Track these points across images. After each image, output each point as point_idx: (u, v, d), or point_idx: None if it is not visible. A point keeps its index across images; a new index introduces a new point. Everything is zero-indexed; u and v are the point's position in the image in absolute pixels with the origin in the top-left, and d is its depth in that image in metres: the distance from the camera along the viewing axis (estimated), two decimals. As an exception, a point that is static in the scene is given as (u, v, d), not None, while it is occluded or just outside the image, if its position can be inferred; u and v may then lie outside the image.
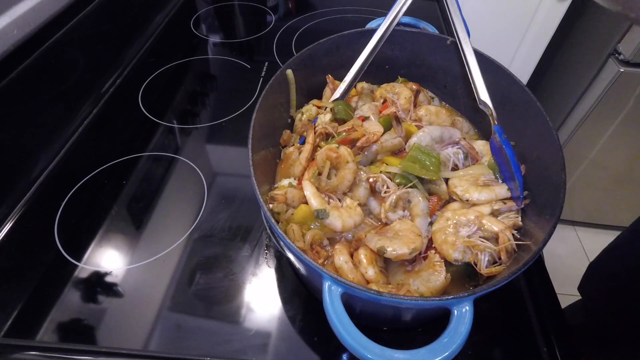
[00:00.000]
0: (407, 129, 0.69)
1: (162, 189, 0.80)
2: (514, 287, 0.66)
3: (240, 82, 1.08)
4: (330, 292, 0.44)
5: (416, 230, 0.56)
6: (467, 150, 0.66)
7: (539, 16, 1.61)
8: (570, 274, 1.98)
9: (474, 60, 0.70)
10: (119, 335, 0.59)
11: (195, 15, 1.34)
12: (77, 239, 0.71)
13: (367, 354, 0.40)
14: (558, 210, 0.50)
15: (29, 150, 0.82)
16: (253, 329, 0.60)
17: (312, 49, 0.74)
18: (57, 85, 0.89)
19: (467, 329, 0.42)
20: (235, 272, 0.67)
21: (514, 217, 0.59)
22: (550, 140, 0.58)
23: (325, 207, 0.58)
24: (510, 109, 0.67)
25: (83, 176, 0.81)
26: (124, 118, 0.97)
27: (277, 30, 1.26)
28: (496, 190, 0.61)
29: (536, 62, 1.78)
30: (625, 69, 1.41)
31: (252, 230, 0.73)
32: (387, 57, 0.81)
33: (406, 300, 0.44)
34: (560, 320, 0.62)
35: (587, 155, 1.72)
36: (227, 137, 0.92)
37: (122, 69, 1.08)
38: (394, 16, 0.75)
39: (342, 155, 0.62)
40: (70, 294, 0.64)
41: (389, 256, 0.53)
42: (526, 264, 0.46)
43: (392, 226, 0.58)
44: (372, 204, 0.63)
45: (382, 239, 0.54)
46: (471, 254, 0.55)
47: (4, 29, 0.77)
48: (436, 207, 0.62)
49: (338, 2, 1.39)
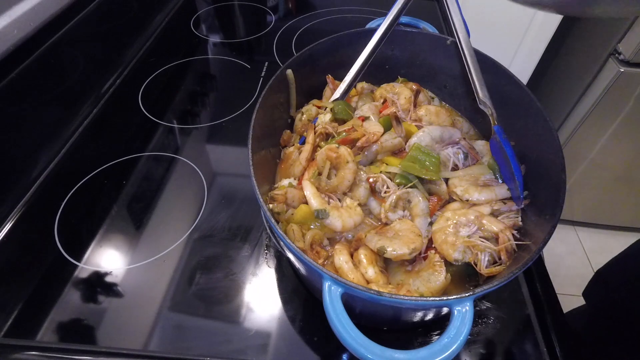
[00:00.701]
0: (407, 129, 0.69)
1: (162, 189, 0.80)
2: (514, 287, 0.66)
3: (240, 82, 1.08)
4: (330, 292, 0.44)
5: (416, 230, 0.56)
6: (467, 150, 0.66)
7: (539, 16, 1.61)
8: (570, 274, 2.00)
9: (474, 60, 0.70)
10: (119, 335, 0.59)
11: (195, 15, 1.34)
12: (77, 239, 0.71)
13: (367, 354, 0.40)
14: (558, 210, 0.50)
15: (29, 150, 0.82)
16: (253, 329, 0.60)
17: (312, 49, 0.74)
18: (57, 85, 0.89)
19: (467, 328, 0.42)
20: (235, 272, 0.67)
21: (514, 217, 0.60)
22: (550, 140, 0.58)
23: (325, 207, 0.58)
24: (510, 109, 0.67)
25: (83, 176, 0.81)
26: (124, 118, 0.97)
27: (277, 30, 1.26)
28: (496, 191, 0.62)
29: (536, 62, 1.78)
30: (625, 69, 1.41)
31: (252, 230, 0.73)
32: (387, 57, 0.81)
33: (406, 300, 0.44)
34: (560, 320, 0.62)
35: (587, 155, 1.72)
36: (227, 137, 0.92)
37: (122, 69, 1.08)
38: (394, 16, 0.75)
39: (342, 155, 0.62)
40: (70, 294, 0.64)
41: (389, 256, 0.53)
42: (526, 264, 0.46)
43: (392, 226, 0.58)
44: (372, 204, 0.63)
45: (382, 239, 0.54)
46: (471, 254, 0.55)
47: (4, 29, 0.77)
48: (436, 207, 0.62)
49: (338, 2, 1.39)
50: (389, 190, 0.61)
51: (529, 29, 1.66)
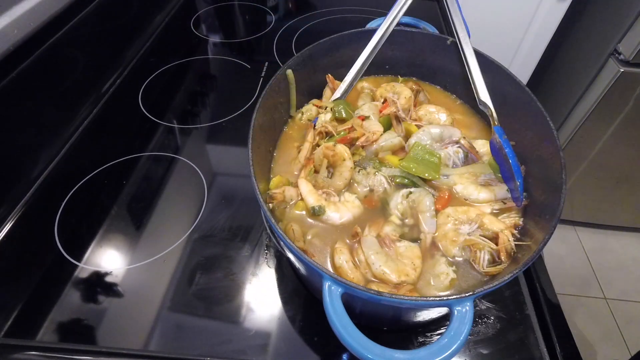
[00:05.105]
0: (407, 128, 0.69)
1: (162, 189, 0.80)
2: (514, 287, 0.66)
3: (240, 82, 1.08)
4: (330, 292, 0.44)
5: (416, 263, 0.55)
6: (467, 150, 0.66)
7: (539, 16, 1.61)
8: (570, 274, 1.99)
9: (474, 60, 0.70)
10: (119, 335, 0.59)
11: (195, 15, 1.34)
12: (77, 239, 0.71)
13: (367, 354, 0.40)
14: (558, 210, 0.50)
15: (29, 150, 0.82)
16: (253, 329, 0.60)
17: (312, 49, 0.74)
18: (57, 85, 0.89)
19: (467, 328, 0.42)
20: (235, 272, 0.67)
21: (514, 217, 0.60)
22: (550, 140, 0.58)
23: (321, 203, 0.58)
24: (511, 109, 0.67)
25: (83, 176, 0.81)
26: (124, 118, 0.97)
27: (277, 30, 1.26)
28: (496, 191, 0.62)
29: (536, 62, 1.78)
30: (625, 69, 1.41)
31: (252, 230, 0.73)
32: (387, 57, 0.81)
33: (406, 300, 0.44)
34: (560, 320, 0.62)
35: (587, 155, 1.72)
36: (227, 137, 0.92)
37: (122, 69, 1.08)
38: (394, 16, 0.75)
39: (339, 153, 0.62)
40: (70, 294, 0.64)
41: (376, 272, 0.53)
42: (526, 264, 0.46)
43: (397, 246, 0.57)
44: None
45: (381, 253, 0.54)
46: (470, 252, 0.55)
47: (4, 29, 0.77)
48: (447, 202, 0.61)
49: (338, 2, 1.39)
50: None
51: (529, 29, 1.66)
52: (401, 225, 0.60)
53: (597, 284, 1.94)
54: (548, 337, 0.60)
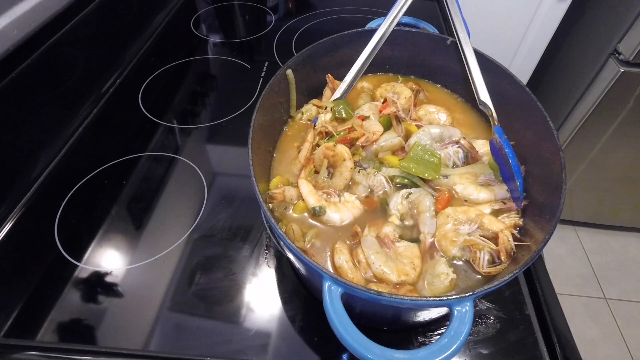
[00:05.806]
0: (407, 128, 0.69)
1: (162, 189, 0.80)
2: (514, 287, 0.66)
3: (240, 82, 1.08)
4: (330, 292, 0.44)
5: (416, 263, 0.55)
6: (467, 149, 0.66)
7: (539, 16, 1.61)
8: (570, 274, 2.00)
9: (474, 60, 0.70)
10: (119, 335, 0.59)
11: (195, 15, 1.34)
12: (77, 239, 0.71)
13: (367, 354, 0.40)
14: (558, 210, 0.50)
15: (29, 150, 0.82)
16: (253, 329, 0.60)
17: (312, 49, 0.74)
18: (57, 85, 0.89)
19: (467, 328, 0.42)
20: (235, 272, 0.67)
21: (514, 217, 0.60)
22: (550, 140, 0.58)
23: (322, 203, 0.58)
24: (511, 109, 0.67)
25: (83, 176, 0.81)
26: (124, 118, 0.97)
27: (277, 30, 1.26)
28: (495, 191, 0.62)
29: (536, 62, 1.78)
30: (625, 69, 1.41)
31: (252, 230, 0.73)
32: (387, 57, 0.81)
33: (406, 300, 0.44)
34: (560, 321, 0.62)
35: (587, 155, 1.72)
36: (227, 137, 0.92)
37: (122, 69, 1.08)
38: (394, 16, 0.75)
39: (339, 153, 0.62)
40: (70, 294, 0.64)
41: (376, 272, 0.53)
42: (526, 264, 0.46)
43: (397, 246, 0.57)
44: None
45: (381, 253, 0.54)
46: (470, 252, 0.55)
47: (4, 29, 0.77)
48: (447, 203, 0.61)
49: (338, 2, 1.39)
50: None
51: (529, 29, 1.66)
52: (401, 226, 0.60)
53: (597, 284, 1.93)
54: (548, 337, 0.60)
